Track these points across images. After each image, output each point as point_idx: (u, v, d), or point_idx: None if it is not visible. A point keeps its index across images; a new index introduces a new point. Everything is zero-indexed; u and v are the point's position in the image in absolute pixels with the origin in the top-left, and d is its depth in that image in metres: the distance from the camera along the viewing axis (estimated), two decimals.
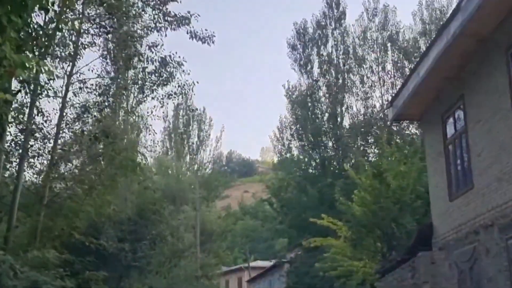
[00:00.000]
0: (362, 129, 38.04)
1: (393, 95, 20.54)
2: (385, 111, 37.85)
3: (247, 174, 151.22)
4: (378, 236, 21.11)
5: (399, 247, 20.14)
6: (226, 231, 56.60)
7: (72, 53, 21.39)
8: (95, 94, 22.04)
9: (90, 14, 21.29)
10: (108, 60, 22.98)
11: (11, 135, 19.74)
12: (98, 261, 18.78)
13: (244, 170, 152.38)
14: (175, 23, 22.04)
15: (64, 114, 21.22)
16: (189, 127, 57.31)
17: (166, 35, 22.75)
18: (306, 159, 37.56)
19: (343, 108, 38.89)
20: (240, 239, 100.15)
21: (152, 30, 22.66)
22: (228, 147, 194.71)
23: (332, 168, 37.24)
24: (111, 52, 22.51)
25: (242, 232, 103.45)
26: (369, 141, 37.45)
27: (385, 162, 21.43)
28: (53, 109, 21.50)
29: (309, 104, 38.61)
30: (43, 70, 7.31)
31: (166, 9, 22.62)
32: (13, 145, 19.96)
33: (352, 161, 36.91)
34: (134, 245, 19.55)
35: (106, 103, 21.85)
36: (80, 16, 20.25)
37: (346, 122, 39.31)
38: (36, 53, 10.58)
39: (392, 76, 38.62)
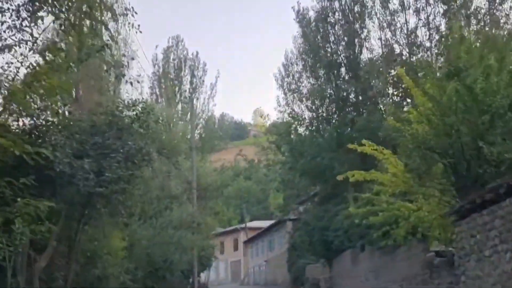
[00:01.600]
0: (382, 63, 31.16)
1: None
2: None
3: (240, 137, 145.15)
4: (453, 163, 14.46)
5: (487, 177, 13.56)
6: (222, 186, 49.77)
7: None
8: None
9: None
10: None
11: None
12: (42, 185, 11.88)
13: (237, 133, 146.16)
14: None
15: None
16: (180, 73, 50.19)
17: None
18: (319, 93, 30.61)
19: (362, 37, 31.88)
20: (234, 200, 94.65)
21: None
22: (220, 109, 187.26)
23: (350, 104, 30.50)
24: None
25: (235, 194, 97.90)
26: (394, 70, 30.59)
27: (463, 56, 14.58)
28: None
29: (321, 30, 31.61)
30: None
31: None
32: None
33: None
34: (100, 164, 12.60)
35: None
36: None
37: (365, 55, 32.32)
38: None
39: None
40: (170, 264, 19.81)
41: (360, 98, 30.49)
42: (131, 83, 17.41)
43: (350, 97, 30.56)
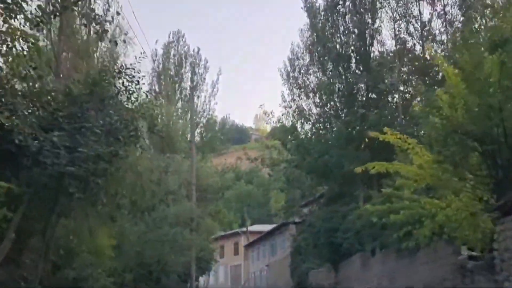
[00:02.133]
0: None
1: None
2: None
3: (241, 141, 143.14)
4: (492, 150, 12.40)
5: None
6: (223, 188, 47.68)
7: None
8: None
9: None
10: None
11: None
12: None
13: (238, 137, 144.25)
14: None
15: None
16: (181, 69, 48.12)
17: None
18: (328, 88, 28.45)
19: (373, 28, 29.85)
20: (235, 204, 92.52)
21: None
22: (221, 113, 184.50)
23: (361, 99, 28.40)
24: None
25: (236, 197, 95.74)
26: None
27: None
28: None
29: (330, 21, 29.56)
30: None
31: None
32: None
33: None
34: (75, 139, 10.09)
35: None
36: None
37: (376, 47, 30.28)
38: None
39: None
40: (164, 266, 17.60)
41: (371, 93, 28.41)
42: (116, 43, 15.12)
43: (360, 91, 28.47)
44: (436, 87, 22.44)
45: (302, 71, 31.21)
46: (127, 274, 14.78)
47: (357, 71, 29.22)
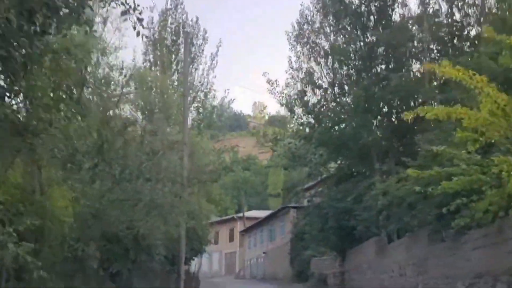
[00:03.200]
0: None
1: None
2: None
3: (238, 128, 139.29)
4: None
5: None
6: (220, 168, 43.30)
7: None
8: None
9: None
10: None
11: None
12: None
13: (236, 125, 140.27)
14: None
15: None
16: (178, 40, 43.75)
17: None
18: (344, 49, 24.24)
19: None
20: (231, 191, 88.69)
21: None
22: (218, 97, 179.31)
23: (381, 60, 24.22)
24: None
25: (233, 184, 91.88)
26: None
27: None
28: None
29: None
30: None
31: None
32: None
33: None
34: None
35: None
36: None
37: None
38: None
39: None
40: (141, 239, 13.35)
41: (393, 56, 24.24)
42: None
43: (381, 54, 24.26)
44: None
45: (313, 32, 26.89)
46: (81, 245, 10.54)
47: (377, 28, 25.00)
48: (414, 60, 25.33)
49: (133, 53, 60.73)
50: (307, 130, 26.98)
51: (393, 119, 23.68)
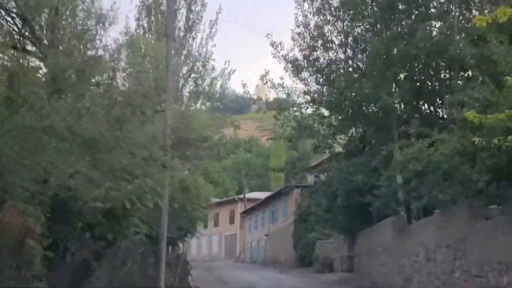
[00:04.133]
0: None
1: None
2: None
3: (241, 111, 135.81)
4: None
5: None
6: (219, 144, 39.63)
7: None
8: None
9: None
10: None
11: None
12: None
13: (238, 107, 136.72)
14: None
15: None
16: (174, 5, 39.93)
17: None
18: None
19: None
20: (232, 172, 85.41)
21: None
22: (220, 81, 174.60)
23: (403, 9, 20.43)
24: None
25: (234, 166, 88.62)
26: None
27: None
28: None
29: None
30: None
31: None
32: None
33: None
34: None
35: None
36: None
37: None
38: None
39: None
40: (111, 215, 10.09)
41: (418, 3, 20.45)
42: None
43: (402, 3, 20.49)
44: None
45: None
46: None
47: None
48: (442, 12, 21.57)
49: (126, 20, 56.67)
50: (316, 97, 23.40)
51: (416, 78, 20.09)
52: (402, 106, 20.98)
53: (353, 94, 19.65)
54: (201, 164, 38.63)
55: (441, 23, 20.70)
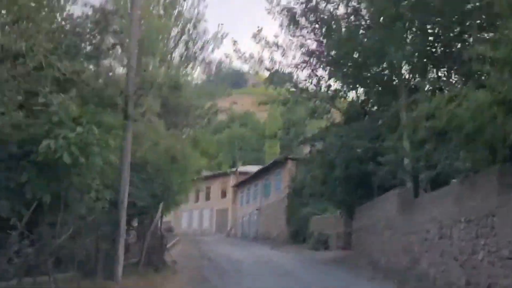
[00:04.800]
0: None
1: None
2: None
3: (237, 85, 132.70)
4: None
5: None
6: (211, 112, 36.89)
7: None
8: None
9: None
10: None
11: None
12: None
13: (234, 81, 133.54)
14: None
15: None
16: None
17: None
18: None
19: None
20: (227, 147, 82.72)
21: None
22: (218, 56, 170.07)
23: None
24: None
25: (229, 140, 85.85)
26: None
27: None
28: None
29: None
30: None
31: None
32: None
33: None
34: None
35: None
36: None
37: None
38: None
39: None
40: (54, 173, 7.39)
41: None
42: None
43: None
44: None
45: None
46: None
47: None
48: None
49: None
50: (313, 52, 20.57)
51: (429, 31, 17.30)
52: (411, 66, 18.28)
53: (356, 49, 16.84)
54: (191, 132, 35.80)
55: None
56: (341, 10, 19.89)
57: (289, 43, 21.96)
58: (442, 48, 17.18)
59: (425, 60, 17.48)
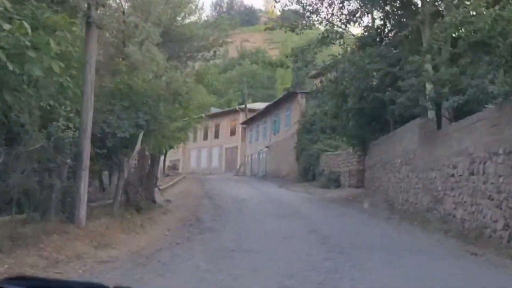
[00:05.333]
0: None
1: None
2: None
3: (249, 23, 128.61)
4: None
5: None
6: (216, 43, 34.25)
7: None
8: None
9: None
10: None
11: None
12: None
13: (246, 19, 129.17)
14: None
15: None
16: None
17: None
18: None
19: None
20: (238, 85, 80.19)
21: None
22: None
23: None
24: None
25: (239, 77, 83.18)
26: None
27: None
28: None
29: None
30: None
31: None
32: None
33: None
34: None
35: None
36: None
37: None
38: None
39: None
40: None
41: None
42: None
43: None
44: None
45: None
46: None
47: None
48: None
49: None
50: None
51: None
52: None
53: None
54: (195, 65, 33.20)
55: None
56: None
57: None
58: None
59: None
